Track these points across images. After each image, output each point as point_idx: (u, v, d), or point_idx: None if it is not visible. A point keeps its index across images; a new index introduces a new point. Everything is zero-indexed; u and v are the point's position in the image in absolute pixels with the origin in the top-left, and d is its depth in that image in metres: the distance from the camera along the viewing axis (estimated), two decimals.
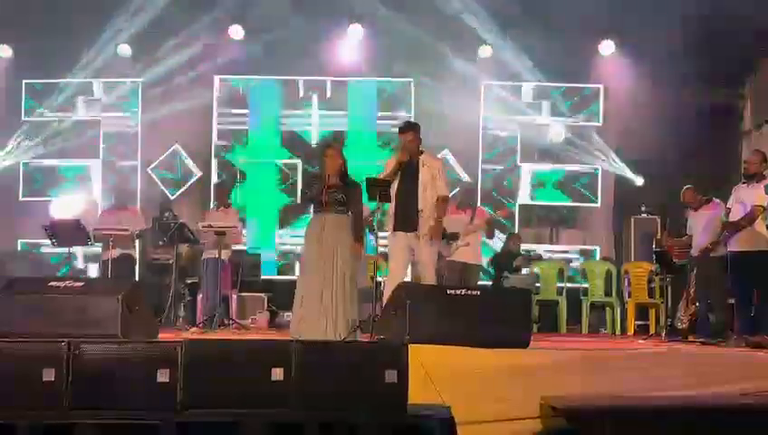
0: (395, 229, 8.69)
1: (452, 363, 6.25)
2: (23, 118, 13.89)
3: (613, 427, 5.24)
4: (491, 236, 12.00)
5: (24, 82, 13.86)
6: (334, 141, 10.21)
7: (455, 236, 10.93)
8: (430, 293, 7.87)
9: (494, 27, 13.12)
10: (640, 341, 10.67)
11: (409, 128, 8.90)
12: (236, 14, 13.38)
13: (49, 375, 4.94)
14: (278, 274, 13.60)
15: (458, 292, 7.46)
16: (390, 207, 8.72)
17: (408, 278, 9.35)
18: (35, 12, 12.89)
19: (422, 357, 5.89)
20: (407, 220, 8.61)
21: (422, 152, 8.84)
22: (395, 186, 8.65)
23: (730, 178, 10.53)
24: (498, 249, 13.01)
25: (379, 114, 13.92)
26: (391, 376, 4.98)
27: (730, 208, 9.51)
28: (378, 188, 8.50)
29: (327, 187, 8.49)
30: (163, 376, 4.93)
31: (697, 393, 6.16)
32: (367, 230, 9.31)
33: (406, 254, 8.64)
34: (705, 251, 9.92)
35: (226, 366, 4.98)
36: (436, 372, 5.91)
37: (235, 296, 11.98)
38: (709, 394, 6.17)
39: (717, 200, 10.20)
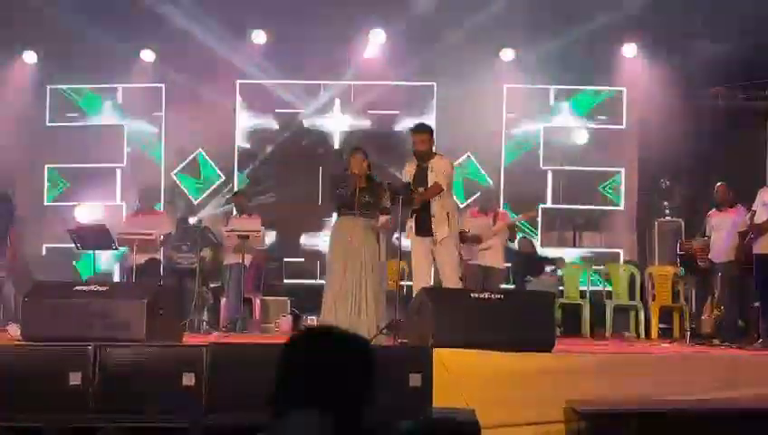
0: (415, 234, 8.73)
1: (476, 367, 6.25)
2: (47, 124, 13.96)
3: (637, 431, 5.23)
4: (513, 239, 11.97)
5: (48, 87, 13.94)
6: (359, 145, 10.23)
7: (476, 239, 10.93)
8: (454, 296, 7.89)
9: (516, 29, 13.06)
10: (664, 344, 10.63)
11: (423, 129, 8.92)
12: (258, 17, 13.39)
13: (75, 379, 4.99)
14: (302, 278, 13.60)
15: (482, 295, 7.46)
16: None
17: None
18: (59, 17, 12.95)
19: (446, 361, 5.90)
20: (422, 225, 8.64)
21: (434, 155, 8.85)
22: None
23: (756, 181, 10.47)
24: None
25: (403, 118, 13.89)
26: (416, 380, 4.99)
27: (755, 211, 9.48)
28: (399, 192, 8.54)
29: (359, 189, 8.52)
30: (188, 380, 4.97)
31: (722, 397, 6.14)
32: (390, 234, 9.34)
33: (427, 258, 8.67)
34: (736, 260, 9.89)
35: (251, 370, 5.00)
36: (460, 376, 5.91)
37: (258, 300, 12.00)
38: (735, 397, 6.15)
39: (741, 206, 10.20)
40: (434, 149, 8.94)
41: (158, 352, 5.21)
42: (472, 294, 7.61)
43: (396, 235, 9.07)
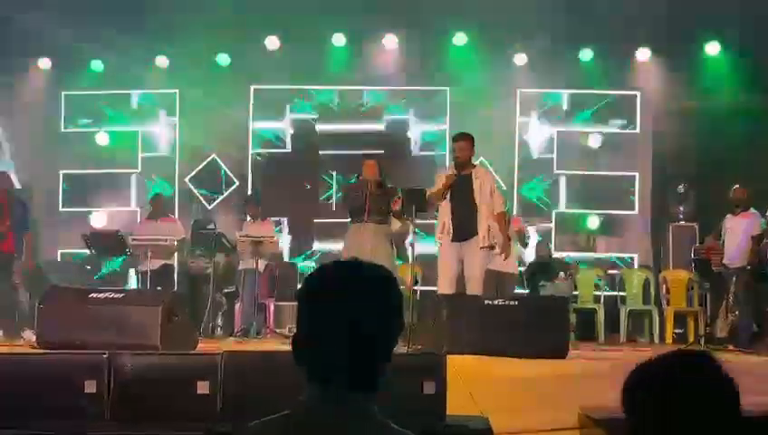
0: (451, 240, 8.71)
1: (490, 374, 6.25)
2: (61, 130, 14.03)
3: None
4: (525, 245, 11.96)
5: (62, 93, 14.00)
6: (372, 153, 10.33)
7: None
8: (468, 302, 7.89)
9: (529, 34, 13.05)
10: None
11: (464, 137, 9.02)
12: (272, 23, 13.43)
13: (91, 387, 4.99)
14: None
15: (496, 302, 7.48)
16: (442, 217, 8.75)
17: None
18: (73, 24, 13.02)
19: (460, 368, 5.89)
20: (461, 230, 8.63)
21: (474, 166, 8.95)
22: (447, 197, 8.68)
23: None
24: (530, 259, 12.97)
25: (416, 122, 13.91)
26: (429, 387, 4.97)
27: None
28: (414, 199, 8.57)
29: (369, 195, 8.58)
30: (203, 388, 4.97)
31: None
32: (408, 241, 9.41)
33: (455, 265, 8.66)
34: (750, 263, 9.90)
35: (267, 377, 4.99)
36: (473, 383, 5.91)
37: (272, 305, 12.03)
38: (749, 404, 6.12)
39: (754, 211, 10.20)
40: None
41: (173, 360, 5.21)
42: (486, 301, 7.62)
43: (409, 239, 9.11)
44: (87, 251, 11.57)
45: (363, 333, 2.03)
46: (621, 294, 12.72)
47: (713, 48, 13.33)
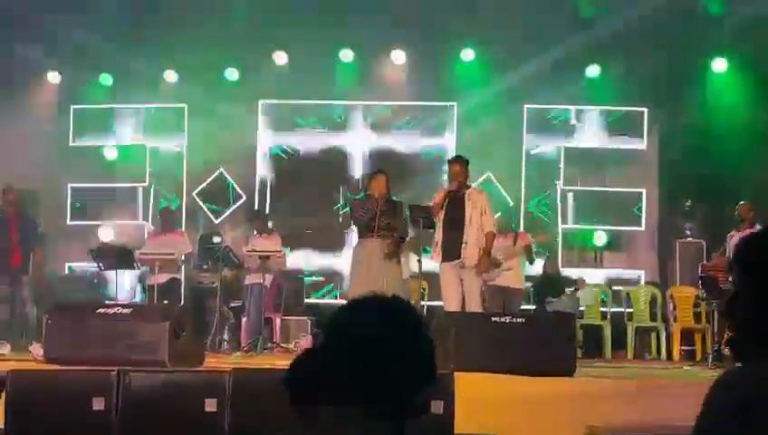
0: (442, 260, 8.86)
1: (497, 392, 6.25)
2: (70, 143, 14.05)
3: None
4: (531, 261, 11.95)
5: (72, 107, 14.03)
6: (381, 167, 10.35)
7: (497, 261, 10.92)
8: (475, 321, 7.90)
9: (536, 49, 13.05)
10: (686, 367, 10.58)
11: (459, 160, 9.26)
12: (280, 38, 13.48)
13: (99, 404, 4.99)
14: (321, 298, 13.63)
15: (503, 319, 7.48)
16: (437, 237, 8.89)
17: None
18: (83, 38, 13.07)
19: (467, 386, 5.89)
20: (451, 250, 8.79)
21: (469, 187, 9.12)
22: (440, 216, 8.83)
23: None
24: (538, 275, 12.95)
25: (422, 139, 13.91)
26: (437, 407, 4.96)
27: None
28: (420, 215, 8.67)
29: (378, 212, 8.63)
30: (211, 406, 4.97)
31: None
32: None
33: (457, 285, 8.81)
34: None
35: (275, 395, 4.97)
36: (481, 401, 5.91)
37: (278, 320, 12.02)
38: None
39: (759, 227, 10.18)
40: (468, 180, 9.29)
41: (181, 378, 5.22)
42: (493, 318, 7.63)
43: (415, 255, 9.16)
44: (94, 265, 11.58)
45: (393, 385, 2.05)
46: (628, 310, 12.69)
47: (719, 65, 13.30)
